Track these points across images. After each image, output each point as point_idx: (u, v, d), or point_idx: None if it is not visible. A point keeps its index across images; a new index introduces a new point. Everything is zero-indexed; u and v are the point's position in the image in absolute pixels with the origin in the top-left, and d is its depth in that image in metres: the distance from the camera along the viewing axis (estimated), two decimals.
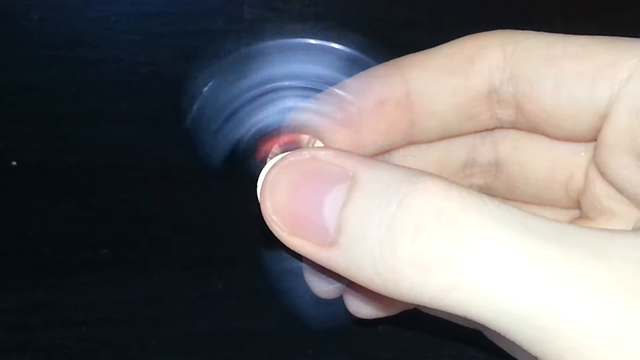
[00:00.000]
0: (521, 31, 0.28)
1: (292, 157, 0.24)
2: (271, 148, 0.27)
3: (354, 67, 0.28)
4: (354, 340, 0.33)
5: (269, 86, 0.27)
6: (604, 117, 0.26)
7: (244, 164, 0.27)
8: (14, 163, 0.38)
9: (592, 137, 0.27)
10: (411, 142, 0.29)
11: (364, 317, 0.30)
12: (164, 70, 0.41)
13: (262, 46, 0.28)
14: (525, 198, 0.30)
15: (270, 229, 0.24)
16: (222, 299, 0.35)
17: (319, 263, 0.23)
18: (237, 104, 0.27)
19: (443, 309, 0.21)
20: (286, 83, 0.27)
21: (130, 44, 0.41)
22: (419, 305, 0.31)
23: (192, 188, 0.38)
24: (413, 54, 0.29)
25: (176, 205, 0.37)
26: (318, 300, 0.35)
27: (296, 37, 0.28)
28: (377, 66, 0.28)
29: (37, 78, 0.40)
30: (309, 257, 0.24)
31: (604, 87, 0.26)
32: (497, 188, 0.30)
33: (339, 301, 0.33)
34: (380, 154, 0.29)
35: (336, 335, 0.34)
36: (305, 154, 0.24)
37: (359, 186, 0.22)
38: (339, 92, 0.28)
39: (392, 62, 0.28)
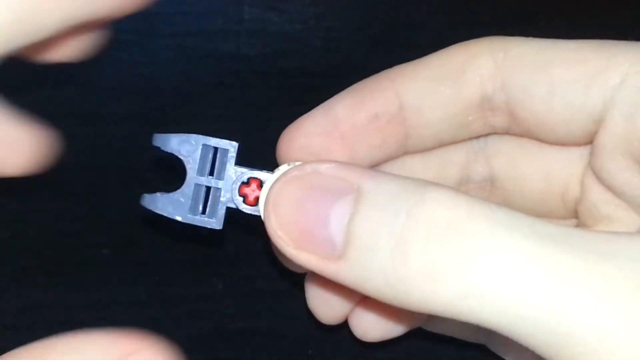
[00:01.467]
0: (511, 37, 0.28)
1: (294, 171, 0.24)
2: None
3: None
4: (354, 340, 0.33)
5: None
6: (598, 122, 0.26)
7: None
8: None
9: (587, 141, 0.27)
10: (406, 153, 0.29)
11: (371, 341, 0.30)
12: (164, 70, 0.41)
13: None
14: (523, 211, 0.30)
15: (275, 244, 0.24)
16: (222, 299, 0.35)
17: (326, 277, 0.23)
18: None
19: (455, 317, 0.22)
20: None
21: (130, 44, 0.41)
22: (425, 324, 0.31)
23: None
24: (404, 65, 0.29)
25: None
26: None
27: None
28: (369, 79, 0.28)
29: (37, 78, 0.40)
30: (316, 272, 0.24)
31: (598, 93, 0.26)
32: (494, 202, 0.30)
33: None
34: (375, 166, 0.29)
35: (336, 335, 0.34)
36: (307, 167, 0.24)
37: (364, 198, 0.23)
38: (332, 108, 0.28)
39: (383, 74, 0.28)
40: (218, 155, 0.27)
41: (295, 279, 0.36)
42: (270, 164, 0.27)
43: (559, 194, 0.29)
